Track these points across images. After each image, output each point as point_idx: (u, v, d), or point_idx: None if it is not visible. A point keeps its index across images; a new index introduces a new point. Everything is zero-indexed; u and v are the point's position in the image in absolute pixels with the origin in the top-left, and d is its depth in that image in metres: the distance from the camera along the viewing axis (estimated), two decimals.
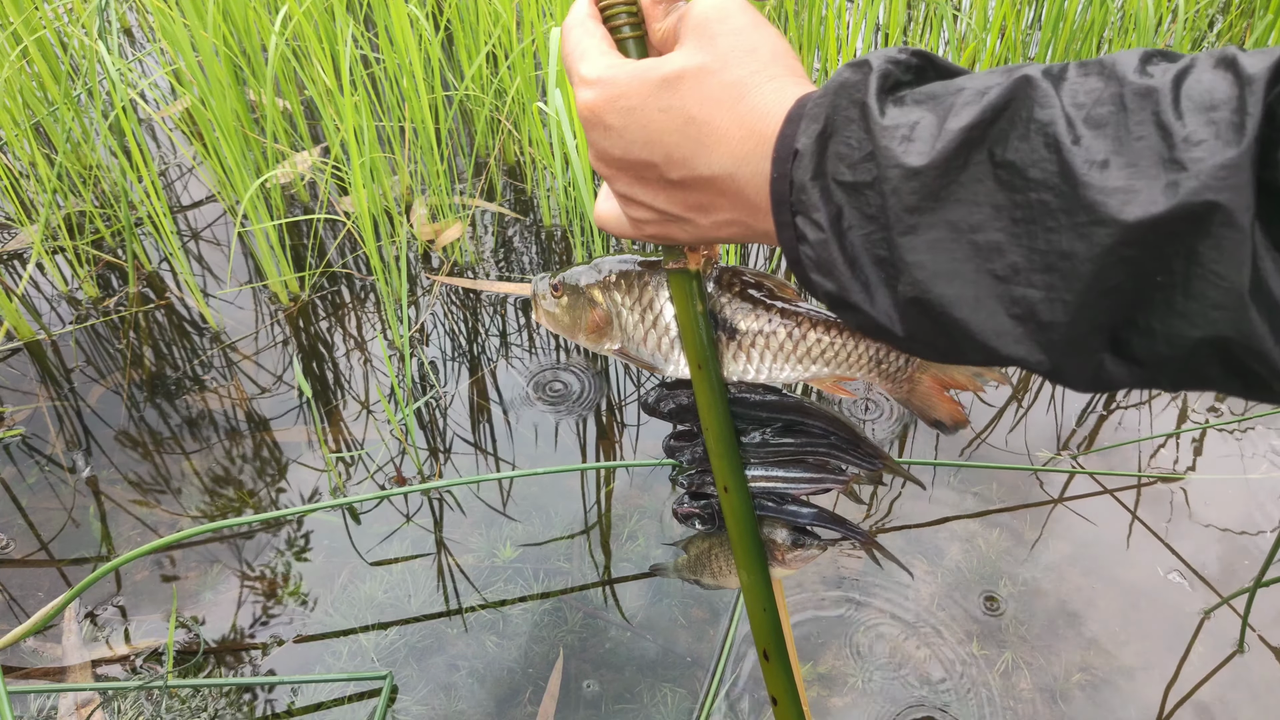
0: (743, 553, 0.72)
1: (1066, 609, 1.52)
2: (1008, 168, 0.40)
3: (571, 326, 0.71)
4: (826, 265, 0.46)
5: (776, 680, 0.74)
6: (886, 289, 0.45)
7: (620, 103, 0.51)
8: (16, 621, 1.51)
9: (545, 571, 1.58)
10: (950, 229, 0.42)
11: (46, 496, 1.72)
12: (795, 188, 0.46)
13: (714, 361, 0.66)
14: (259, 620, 1.53)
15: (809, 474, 0.72)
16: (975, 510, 1.67)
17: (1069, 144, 0.38)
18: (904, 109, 0.43)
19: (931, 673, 1.44)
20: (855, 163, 0.44)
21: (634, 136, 0.51)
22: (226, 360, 2.00)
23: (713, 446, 0.69)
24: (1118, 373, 0.41)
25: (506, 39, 2.22)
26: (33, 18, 2.20)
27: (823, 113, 0.45)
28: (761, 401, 0.70)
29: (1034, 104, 0.40)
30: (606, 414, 1.88)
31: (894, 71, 0.45)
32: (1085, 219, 0.38)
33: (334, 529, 1.66)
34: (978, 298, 0.42)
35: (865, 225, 0.44)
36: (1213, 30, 2.84)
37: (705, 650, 1.47)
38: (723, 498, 0.70)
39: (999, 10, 2.24)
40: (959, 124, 0.41)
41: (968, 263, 0.42)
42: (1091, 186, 0.37)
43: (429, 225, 2.27)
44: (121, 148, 2.25)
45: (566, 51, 0.55)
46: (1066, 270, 0.39)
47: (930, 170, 0.41)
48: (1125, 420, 1.85)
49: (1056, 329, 0.40)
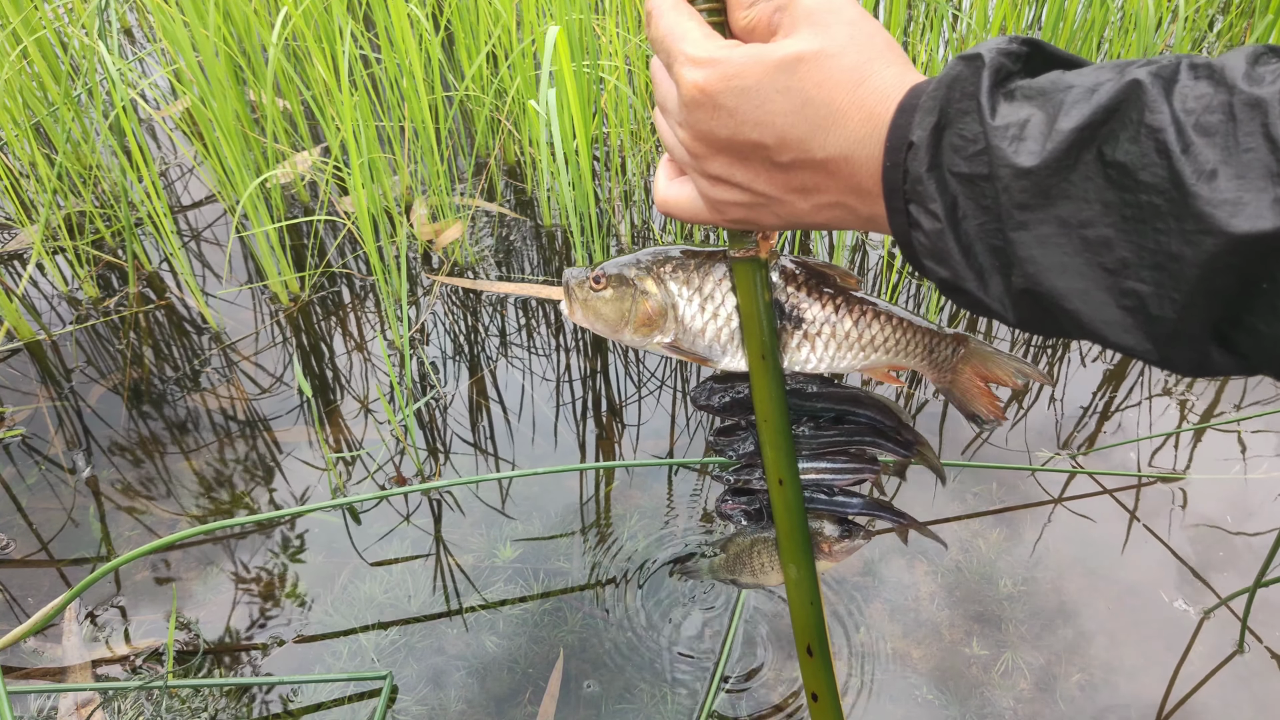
0: (792, 546, 0.71)
1: (1066, 609, 1.52)
2: (1118, 168, 0.41)
3: (616, 321, 0.69)
4: (941, 254, 0.48)
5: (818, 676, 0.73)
6: (1000, 276, 0.46)
7: (735, 83, 0.51)
8: (16, 621, 1.51)
9: (545, 571, 1.58)
10: (1060, 224, 0.43)
11: (46, 497, 1.72)
12: (910, 178, 0.48)
13: (777, 352, 0.66)
14: (259, 620, 1.53)
15: (851, 464, 0.72)
16: (975, 510, 1.67)
17: (1179, 152, 0.39)
18: (1014, 104, 0.45)
19: (931, 672, 1.44)
20: (970, 155, 0.45)
21: (746, 117, 0.51)
22: (226, 360, 2.00)
23: (769, 438, 0.68)
24: (1223, 362, 0.42)
25: (506, 39, 2.22)
26: (32, 17, 2.20)
27: (937, 105, 0.46)
28: (818, 393, 0.70)
29: (1145, 108, 0.40)
30: (607, 414, 1.88)
31: (1005, 64, 0.46)
32: (1194, 226, 0.38)
33: (334, 529, 1.66)
34: (1087, 290, 0.43)
35: (980, 215, 0.46)
36: (1213, 30, 2.84)
37: (705, 650, 1.47)
38: (775, 491, 0.70)
39: (999, 10, 2.24)
40: (1069, 124, 0.42)
41: (1078, 256, 0.43)
42: (1200, 197, 0.38)
43: (429, 225, 2.27)
44: (121, 148, 2.25)
45: (662, 34, 0.55)
46: (1175, 271, 0.40)
47: (1041, 170, 0.43)
48: (1125, 420, 1.84)
49: (1165, 323, 0.41)
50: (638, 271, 0.68)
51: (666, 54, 0.54)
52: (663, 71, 0.56)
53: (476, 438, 1.83)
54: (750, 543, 0.78)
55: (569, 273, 0.70)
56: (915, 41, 2.72)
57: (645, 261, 0.68)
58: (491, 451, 1.80)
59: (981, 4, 2.46)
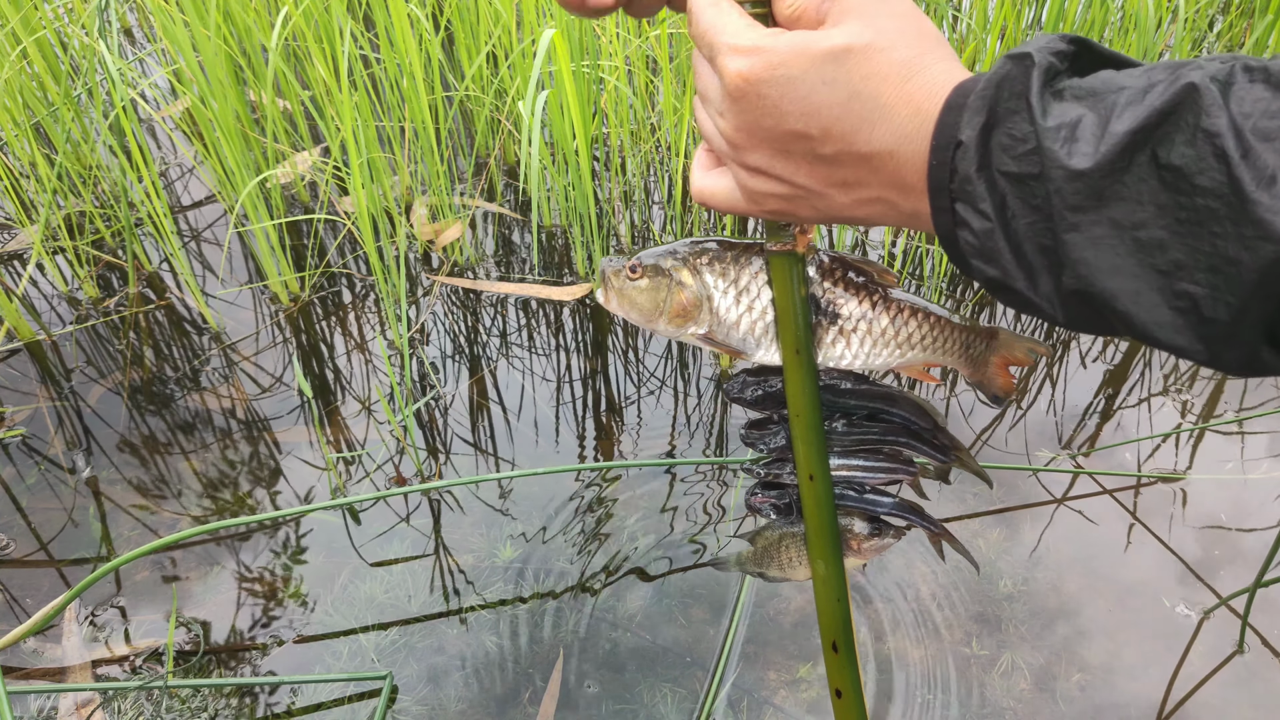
0: (820, 542, 0.71)
1: (1067, 609, 1.52)
2: (1173, 171, 0.41)
3: (651, 311, 0.69)
4: (990, 253, 0.47)
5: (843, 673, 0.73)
6: (1050, 276, 0.46)
7: (780, 72, 0.50)
8: (17, 621, 1.51)
9: (545, 571, 1.58)
10: (1113, 226, 0.43)
11: (46, 497, 1.72)
12: (959, 177, 0.47)
13: (811, 347, 0.66)
14: (259, 620, 1.53)
15: (884, 464, 0.72)
16: (976, 510, 1.67)
17: (1237, 158, 0.39)
18: (1065, 104, 0.44)
19: (931, 672, 1.44)
20: (1020, 155, 0.45)
21: (790, 108, 0.51)
22: (227, 360, 2.00)
23: (801, 434, 0.68)
24: (1273, 362, 0.42)
25: (506, 39, 2.22)
26: (32, 17, 2.20)
27: (985, 105, 0.46)
28: (852, 389, 0.70)
29: (1201, 111, 0.40)
30: (607, 414, 1.88)
31: (1055, 63, 0.46)
32: (1253, 233, 0.38)
33: (334, 529, 1.66)
34: (1139, 291, 0.43)
35: (1030, 215, 0.45)
36: (1213, 30, 2.84)
37: (705, 650, 1.47)
38: (805, 486, 0.69)
39: (999, 11, 2.24)
40: (1123, 127, 0.42)
41: (1130, 258, 0.43)
42: (1260, 204, 0.38)
43: (429, 225, 2.27)
44: (121, 148, 2.25)
45: (704, 29, 0.54)
46: (1231, 274, 0.40)
47: (1094, 173, 0.42)
48: (1125, 420, 1.85)
49: (1218, 325, 0.41)
50: (674, 262, 0.68)
51: (709, 47, 0.54)
52: (704, 63, 0.56)
53: (476, 438, 1.83)
54: (779, 537, 0.79)
55: (605, 262, 0.70)
56: None
57: (682, 252, 0.68)
58: (491, 452, 1.80)
59: (981, 4, 2.46)
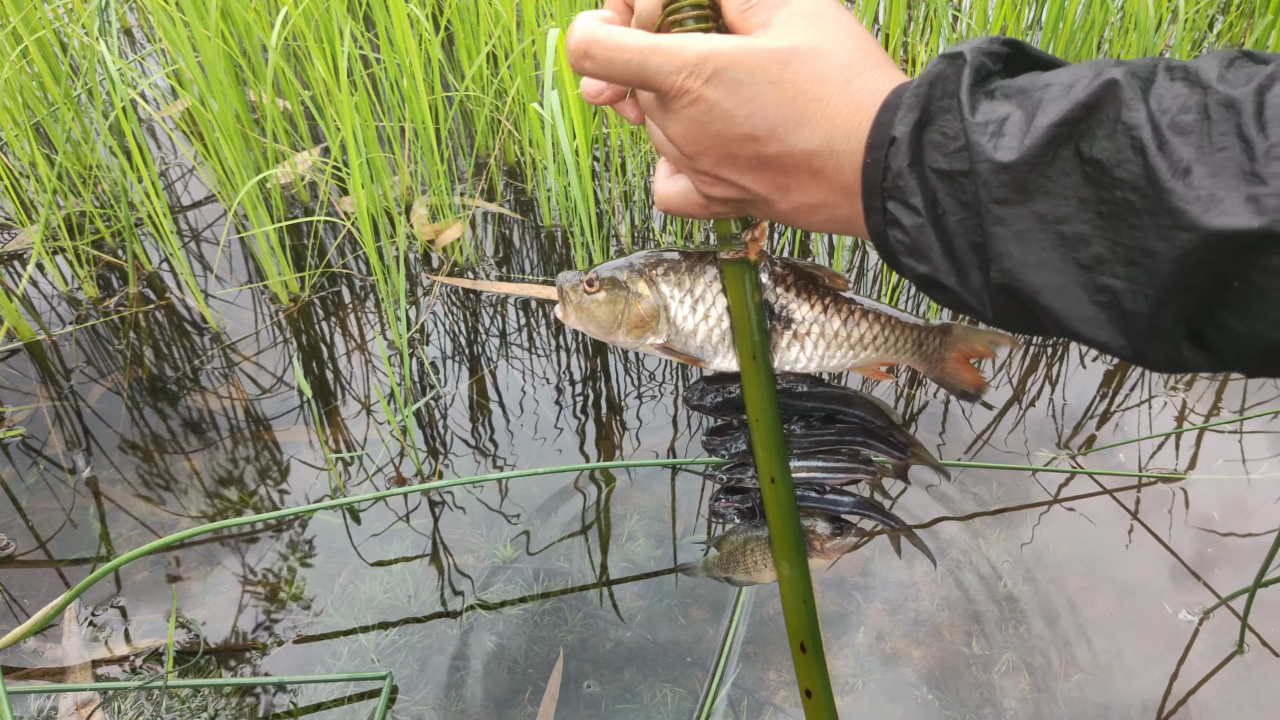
0: (784, 544, 0.72)
1: (1066, 609, 1.52)
2: (1094, 164, 0.42)
3: (610, 323, 0.70)
4: (920, 249, 0.48)
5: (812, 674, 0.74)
6: (979, 272, 0.47)
7: (728, 74, 0.51)
8: (16, 622, 1.51)
9: (545, 572, 1.58)
10: (1038, 220, 0.43)
11: (46, 497, 1.72)
12: (891, 174, 0.48)
13: (768, 352, 0.67)
14: (259, 620, 1.53)
15: (843, 464, 0.73)
16: (976, 510, 1.67)
17: (1154, 149, 0.39)
18: (994, 103, 0.45)
19: (931, 672, 1.44)
20: (950, 152, 0.46)
21: (738, 110, 0.52)
22: (227, 360, 2.00)
23: (760, 438, 0.69)
24: (1195, 359, 0.43)
25: (506, 39, 2.22)
26: (32, 17, 2.20)
27: (919, 102, 0.47)
28: (808, 392, 0.71)
29: (1121, 105, 0.41)
30: (607, 414, 1.88)
31: (986, 63, 0.47)
32: (1168, 222, 0.39)
33: (334, 529, 1.66)
34: (1063, 286, 0.44)
35: (960, 211, 0.46)
36: (1213, 30, 2.84)
37: (705, 650, 1.47)
38: (767, 490, 0.70)
39: (999, 10, 2.24)
40: (1047, 120, 0.43)
41: (1054, 251, 0.43)
42: (1174, 193, 0.39)
43: (429, 225, 2.27)
44: (121, 148, 2.25)
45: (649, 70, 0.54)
46: (1149, 266, 0.40)
47: (1019, 165, 0.43)
48: (1125, 420, 1.85)
49: (1139, 319, 0.42)
50: (630, 274, 0.69)
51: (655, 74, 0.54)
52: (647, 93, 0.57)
53: (476, 438, 1.83)
54: (744, 541, 0.79)
55: (563, 276, 0.71)
56: (915, 41, 2.72)
57: (638, 264, 0.69)
58: (491, 452, 1.80)
59: (981, 4, 2.46)
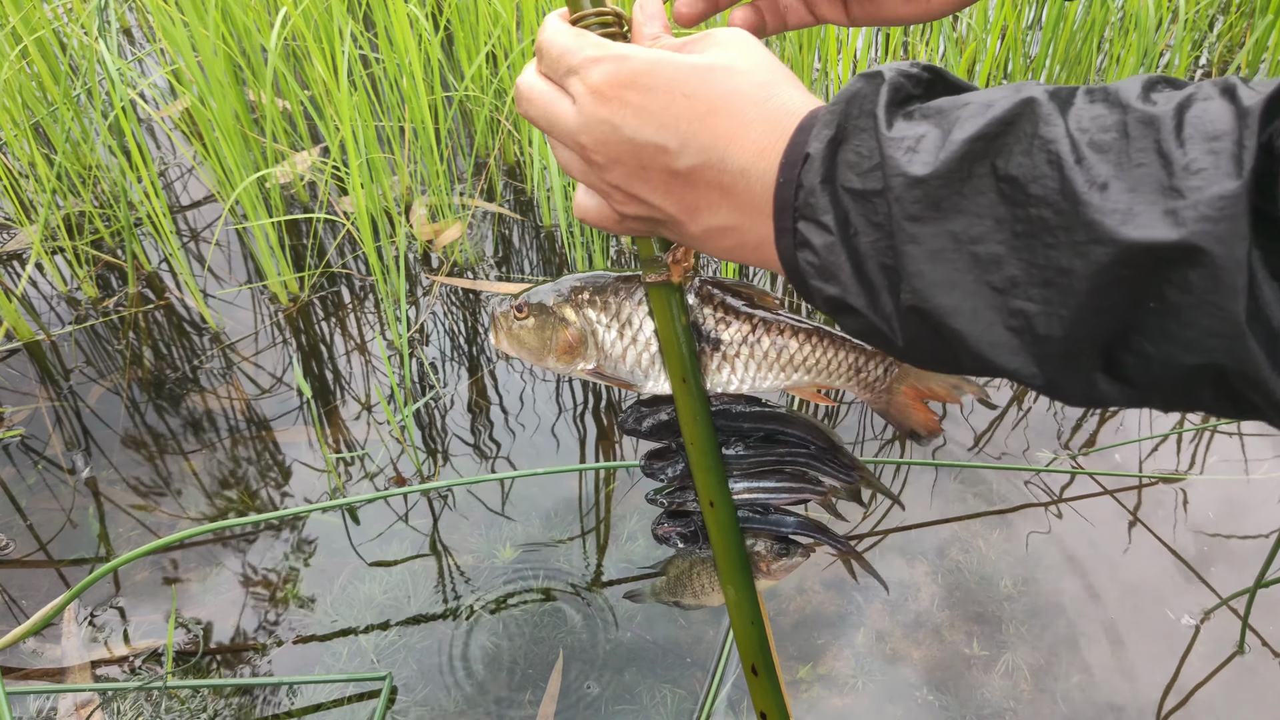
0: (728, 567, 0.71)
1: (1066, 610, 1.52)
2: (1010, 182, 0.41)
3: (539, 349, 0.69)
4: (830, 269, 0.46)
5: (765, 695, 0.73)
6: (889, 295, 0.45)
7: (642, 79, 0.50)
8: (16, 622, 1.51)
9: (545, 572, 1.58)
10: (952, 239, 0.42)
11: (45, 497, 1.72)
12: (803, 191, 0.47)
13: (698, 374, 0.66)
14: (259, 621, 1.53)
15: (788, 484, 0.71)
16: (976, 511, 1.67)
17: (1071, 163, 0.39)
18: (912, 122, 0.44)
19: (931, 673, 1.44)
20: (865, 171, 0.44)
21: (650, 117, 0.50)
22: (226, 361, 2.00)
23: (697, 461, 0.68)
24: (1110, 391, 0.42)
25: (506, 39, 2.22)
26: (31, 17, 2.20)
27: (835, 120, 0.46)
28: (744, 412, 0.70)
29: (1039, 120, 0.40)
30: (606, 414, 1.88)
31: (905, 85, 0.46)
32: (1084, 237, 0.38)
33: (333, 530, 1.66)
34: (975, 309, 0.42)
35: (872, 232, 0.45)
36: (1213, 30, 2.84)
37: (705, 651, 1.47)
38: (707, 513, 0.69)
39: (999, 10, 2.24)
40: (962, 135, 0.42)
41: (967, 273, 0.42)
42: (1091, 206, 0.38)
43: (428, 225, 2.27)
44: (121, 148, 2.25)
45: (558, 53, 0.54)
46: (1064, 286, 0.39)
47: (933, 180, 0.42)
48: (1126, 421, 1.84)
49: (1052, 343, 0.41)
50: (557, 300, 0.68)
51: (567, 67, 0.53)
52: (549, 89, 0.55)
53: (476, 438, 1.83)
54: (689, 565, 0.78)
55: (495, 302, 0.71)
56: (916, 41, 2.72)
57: (565, 289, 0.68)
58: (491, 452, 1.80)
59: (982, 4, 2.46)
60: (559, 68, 0.54)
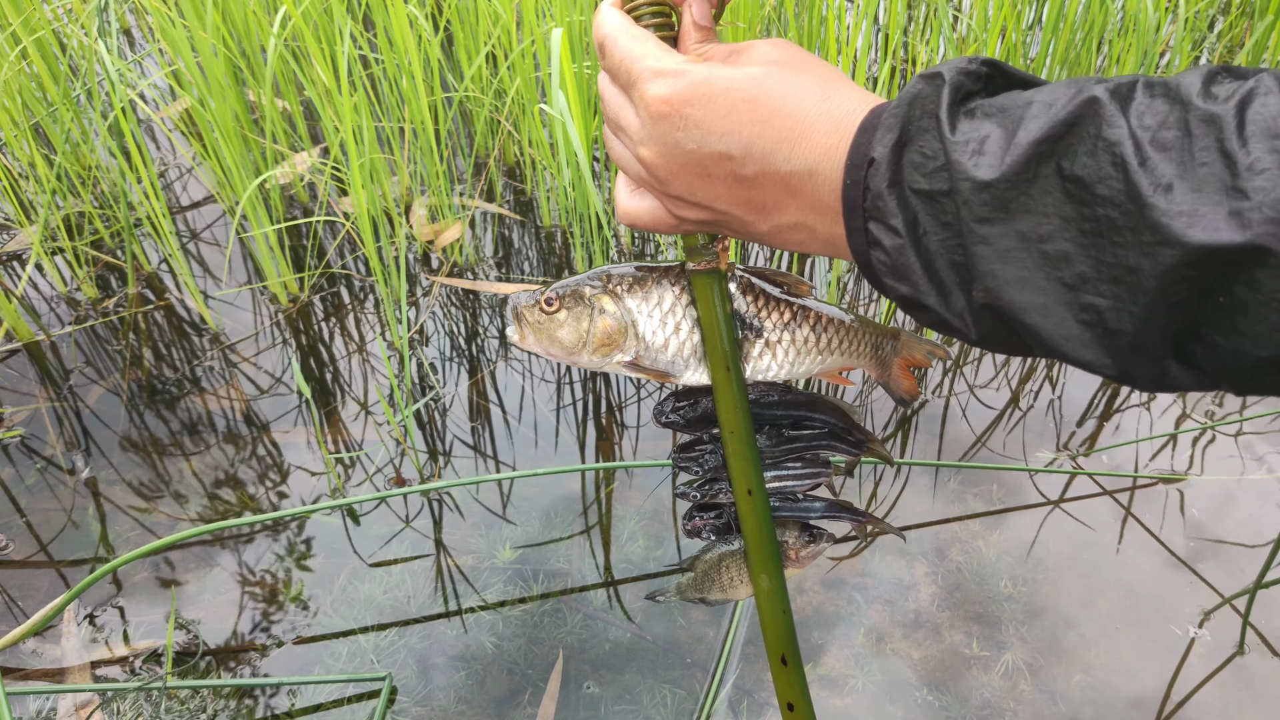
0: (763, 556, 0.71)
1: (1066, 610, 1.52)
2: (1075, 182, 0.41)
3: (573, 344, 0.67)
4: (901, 270, 0.48)
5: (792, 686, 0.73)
6: (961, 293, 0.46)
7: (701, 91, 0.51)
8: (16, 622, 1.51)
9: (545, 573, 1.58)
10: (1020, 239, 0.43)
11: (46, 498, 1.72)
12: (870, 194, 0.48)
13: (740, 363, 0.66)
14: (258, 621, 1.53)
15: (807, 469, 0.72)
16: (975, 511, 1.67)
17: (1135, 165, 0.39)
18: (974, 122, 0.45)
19: (931, 673, 1.44)
20: (930, 172, 0.45)
21: (712, 127, 0.51)
22: (226, 361, 2.00)
23: (736, 450, 0.68)
24: (1182, 378, 0.43)
25: (506, 39, 2.22)
26: (32, 18, 2.20)
27: (898, 123, 0.47)
28: (777, 400, 0.71)
29: (1102, 122, 0.41)
30: (606, 415, 1.88)
31: (965, 83, 0.47)
32: (1150, 238, 0.39)
33: (333, 530, 1.66)
34: (1047, 305, 0.43)
35: (941, 232, 0.46)
36: (1213, 31, 2.84)
37: (705, 651, 1.47)
38: (744, 502, 0.69)
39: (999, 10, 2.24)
40: (1027, 138, 0.42)
41: (1037, 271, 0.43)
42: (1157, 209, 0.38)
43: (428, 226, 2.27)
44: (121, 148, 2.25)
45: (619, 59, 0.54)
46: (1132, 284, 0.40)
47: (1000, 183, 0.43)
48: (1125, 421, 1.84)
49: (1123, 336, 0.42)
50: (593, 290, 0.67)
51: (626, 75, 0.54)
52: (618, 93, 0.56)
53: (476, 439, 1.83)
54: (718, 558, 0.78)
55: (515, 298, 0.68)
56: (916, 41, 2.72)
57: (600, 279, 0.67)
58: (491, 453, 1.80)
59: (982, 4, 2.46)
60: (619, 75, 0.55)
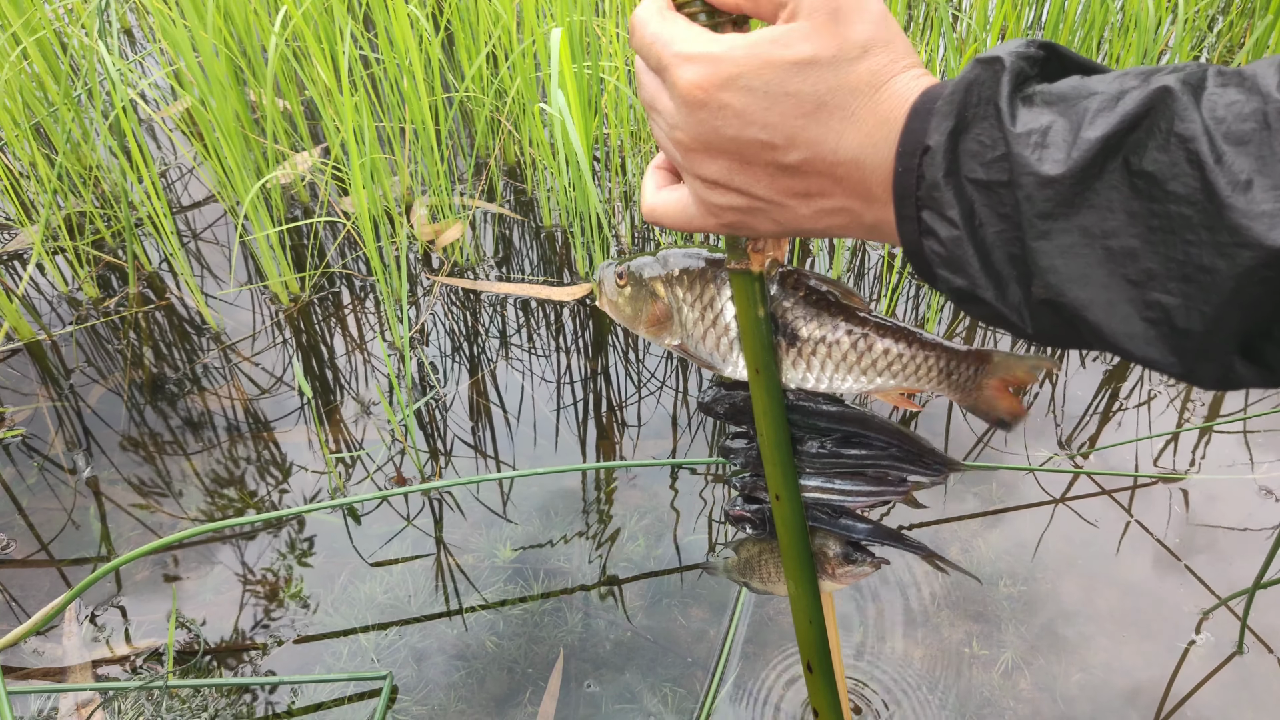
0: (791, 562, 0.70)
1: (1066, 609, 1.52)
2: (1144, 177, 0.40)
3: (633, 318, 0.70)
4: (957, 262, 0.46)
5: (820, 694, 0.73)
6: (1019, 285, 0.45)
7: (741, 80, 0.49)
8: (17, 622, 1.51)
9: (545, 572, 1.58)
10: (1083, 234, 0.42)
11: (46, 497, 1.72)
12: (925, 184, 0.46)
13: (772, 367, 0.65)
14: (259, 620, 1.53)
15: (867, 487, 0.70)
16: (975, 511, 1.67)
17: (1211, 162, 0.38)
18: (1034, 110, 0.43)
19: (931, 673, 1.44)
20: (989, 161, 0.44)
21: (754, 118, 0.49)
22: (226, 361, 2.00)
23: (767, 453, 0.67)
24: (1247, 374, 0.42)
25: (506, 39, 2.22)
26: (33, 18, 2.20)
27: (954, 110, 0.45)
28: (820, 410, 0.68)
29: (1174, 116, 0.39)
30: (606, 414, 1.88)
31: (1024, 68, 0.45)
32: (1228, 239, 0.38)
33: (334, 529, 1.66)
34: (1111, 302, 0.42)
35: (998, 223, 0.44)
36: (1213, 30, 2.85)
37: (705, 650, 1.47)
38: (774, 505, 0.69)
39: (999, 10, 2.24)
40: (1095, 134, 0.41)
41: (1100, 267, 0.42)
42: (1235, 209, 0.37)
43: (429, 226, 2.28)
44: (121, 148, 2.25)
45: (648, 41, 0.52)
46: (1206, 283, 0.39)
47: (1066, 179, 0.41)
48: (1125, 421, 1.85)
49: (1192, 336, 0.40)
50: (653, 274, 0.68)
51: (657, 59, 0.52)
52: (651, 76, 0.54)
53: (476, 438, 1.83)
54: (759, 550, 0.77)
55: (602, 266, 0.72)
56: (916, 41, 2.72)
57: (662, 264, 0.68)
58: (491, 452, 1.80)
59: (982, 4, 2.46)
60: (649, 57, 0.53)
